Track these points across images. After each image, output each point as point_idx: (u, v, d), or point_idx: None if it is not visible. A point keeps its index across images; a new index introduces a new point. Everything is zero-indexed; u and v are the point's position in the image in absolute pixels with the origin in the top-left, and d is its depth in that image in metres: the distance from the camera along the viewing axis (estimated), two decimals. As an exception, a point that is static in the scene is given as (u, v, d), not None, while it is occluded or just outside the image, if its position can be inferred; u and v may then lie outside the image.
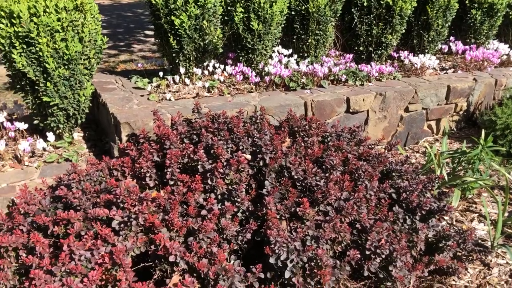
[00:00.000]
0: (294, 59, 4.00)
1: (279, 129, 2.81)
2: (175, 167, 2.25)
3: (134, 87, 3.63)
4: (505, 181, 2.94)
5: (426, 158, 3.79)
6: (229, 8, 3.65)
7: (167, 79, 3.61)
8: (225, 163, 2.29)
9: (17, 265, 2.17)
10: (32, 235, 2.06)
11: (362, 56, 4.35)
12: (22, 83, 3.00)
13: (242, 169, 2.28)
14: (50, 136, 3.12)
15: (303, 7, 3.87)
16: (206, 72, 3.74)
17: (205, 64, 3.76)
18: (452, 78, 4.33)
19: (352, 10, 4.13)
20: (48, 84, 2.94)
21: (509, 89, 4.19)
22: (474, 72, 4.58)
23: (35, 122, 3.17)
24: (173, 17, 3.30)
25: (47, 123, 3.14)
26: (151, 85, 3.57)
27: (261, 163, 2.38)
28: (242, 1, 3.60)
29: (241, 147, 2.43)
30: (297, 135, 2.72)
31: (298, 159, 2.43)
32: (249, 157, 2.44)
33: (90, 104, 3.32)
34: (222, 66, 3.77)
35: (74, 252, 1.96)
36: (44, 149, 3.12)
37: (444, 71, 4.59)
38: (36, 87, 2.98)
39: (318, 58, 4.13)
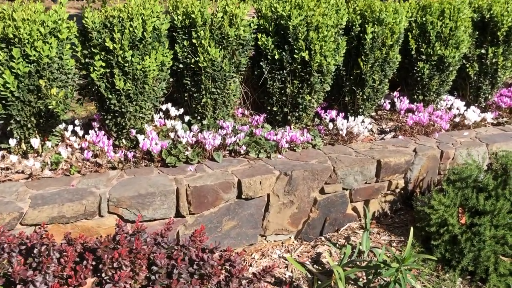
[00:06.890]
0: (183, 122, 3.18)
1: (83, 257, 1.94)
2: None
3: (-42, 158, 2.77)
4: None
5: (342, 255, 2.96)
6: (87, 60, 2.81)
7: (9, 147, 2.76)
8: None
9: None
10: None
11: (277, 118, 3.51)
12: None
13: None
14: None
15: (193, 60, 3.04)
16: (53, 143, 2.89)
17: (61, 127, 2.93)
18: (388, 148, 3.51)
19: (261, 63, 3.30)
20: None
21: (455, 169, 3.34)
22: (418, 139, 3.77)
23: None
24: (-8, 76, 2.46)
25: None
26: (-21, 157, 2.73)
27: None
28: (103, 53, 2.76)
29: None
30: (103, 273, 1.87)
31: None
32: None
33: None
34: (82, 132, 2.94)
35: None
36: None
37: (382, 136, 3.78)
38: None
39: (217, 121, 3.29)
